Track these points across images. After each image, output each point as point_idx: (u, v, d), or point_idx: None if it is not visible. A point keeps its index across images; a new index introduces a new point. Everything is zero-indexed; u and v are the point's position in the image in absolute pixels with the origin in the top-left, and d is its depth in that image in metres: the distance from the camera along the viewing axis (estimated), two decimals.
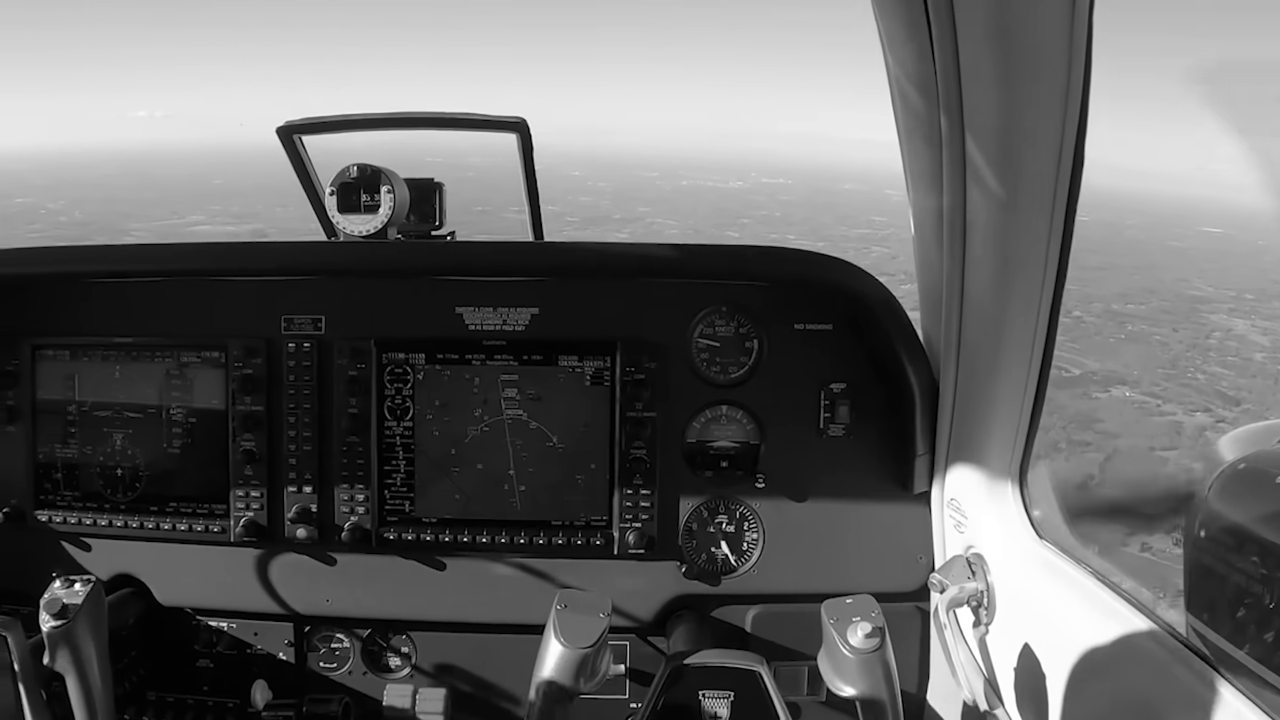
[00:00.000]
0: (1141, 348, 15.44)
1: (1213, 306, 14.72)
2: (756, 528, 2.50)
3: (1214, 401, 13.22)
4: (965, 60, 1.68)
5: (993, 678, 2.15)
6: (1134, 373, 13.80)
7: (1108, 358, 14.21)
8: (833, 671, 1.75)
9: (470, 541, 2.49)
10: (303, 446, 2.49)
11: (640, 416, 2.44)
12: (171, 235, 37.47)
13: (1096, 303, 15.62)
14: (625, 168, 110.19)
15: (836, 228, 43.88)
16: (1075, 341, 13.76)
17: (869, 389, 2.46)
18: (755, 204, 70.60)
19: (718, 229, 52.14)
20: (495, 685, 2.61)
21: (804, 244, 3.13)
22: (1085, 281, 14.49)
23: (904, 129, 2.00)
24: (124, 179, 71.85)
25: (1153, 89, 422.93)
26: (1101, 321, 15.48)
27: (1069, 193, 1.78)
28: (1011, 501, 2.20)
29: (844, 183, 75.03)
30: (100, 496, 2.54)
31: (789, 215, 59.26)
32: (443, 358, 2.48)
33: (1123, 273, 17.99)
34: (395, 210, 2.55)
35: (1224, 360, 14.97)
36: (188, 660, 2.63)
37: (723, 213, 62.93)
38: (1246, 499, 1.82)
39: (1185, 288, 17.76)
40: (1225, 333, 16.11)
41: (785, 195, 78.24)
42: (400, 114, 2.90)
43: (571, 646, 1.69)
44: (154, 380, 2.51)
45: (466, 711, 2.61)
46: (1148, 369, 14.09)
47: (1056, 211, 1.79)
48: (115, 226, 39.01)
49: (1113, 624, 1.80)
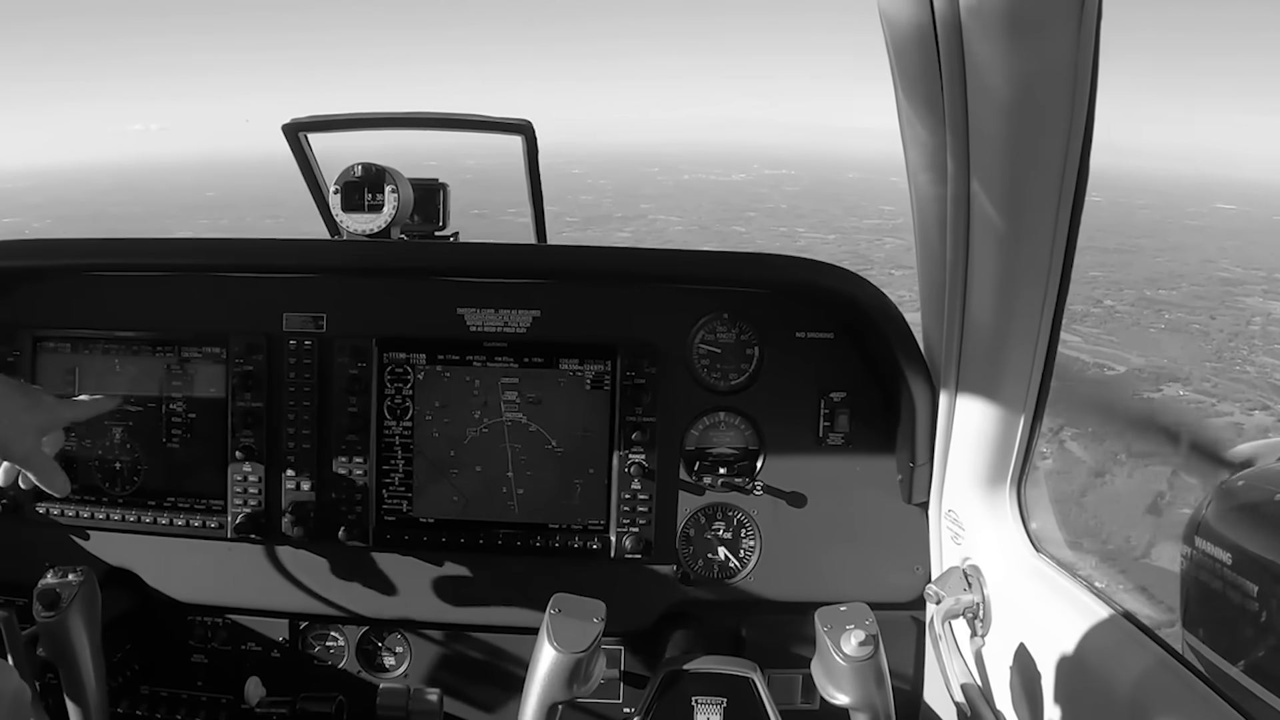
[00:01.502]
0: (1183, 338, 14.84)
1: (1245, 289, 14.26)
2: (754, 535, 2.50)
3: (1272, 397, 12.57)
4: (970, 58, 1.66)
5: (987, 690, 2.15)
6: (1184, 368, 13.22)
7: (1151, 351, 13.70)
8: (826, 679, 1.75)
9: (467, 543, 2.49)
10: (301, 444, 2.49)
11: (640, 421, 2.44)
12: None
13: (1127, 289, 15.18)
14: (626, 164, 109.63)
15: (846, 219, 43.21)
16: (1113, 334, 13.37)
17: (869, 398, 2.46)
18: (760, 196, 69.78)
19: (723, 224, 51.42)
20: (489, 686, 2.61)
21: (815, 236, 3.11)
22: (1110, 266, 14.05)
23: (907, 134, 1.99)
24: (115, 195, 71.69)
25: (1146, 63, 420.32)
26: (1136, 310, 15.01)
27: (1074, 199, 1.77)
28: (1009, 514, 2.20)
29: (847, 172, 74.34)
30: (98, 490, 2.54)
31: (796, 207, 58.37)
32: (443, 358, 2.48)
33: (1145, 255, 17.48)
34: (399, 210, 2.55)
35: (1270, 349, 14.37)
36: (182, 655, 2.63)
37: (727, 206, 62.12)
38: (1245, 515, 1.83)
39: (1213, 269, 17.21)
40: (1265, 318, 15.48)
41: (790, 186, 77.43)
42: (406, 114, 2.91)
43: (565, 651, 1.68)
44: (154, 374, 2.52)
45: (460, 711, 2.61)
46: (1195, 362, 13.49)
47: (1060, 218, 1.78)
48: None
49: (1109, 639, 1.80)
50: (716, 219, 54.34)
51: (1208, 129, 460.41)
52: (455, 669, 2.61)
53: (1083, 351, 13.02)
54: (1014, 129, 1.67)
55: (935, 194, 1.97)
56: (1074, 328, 13.88)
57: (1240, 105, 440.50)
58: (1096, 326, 13.75)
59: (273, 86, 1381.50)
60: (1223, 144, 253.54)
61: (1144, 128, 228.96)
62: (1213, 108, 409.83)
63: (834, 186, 70.27)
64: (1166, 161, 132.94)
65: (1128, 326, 14.03)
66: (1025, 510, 2.21)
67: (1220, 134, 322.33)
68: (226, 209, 53.92)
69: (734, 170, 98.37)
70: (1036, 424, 2.12)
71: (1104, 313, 14.52)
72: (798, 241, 28.63)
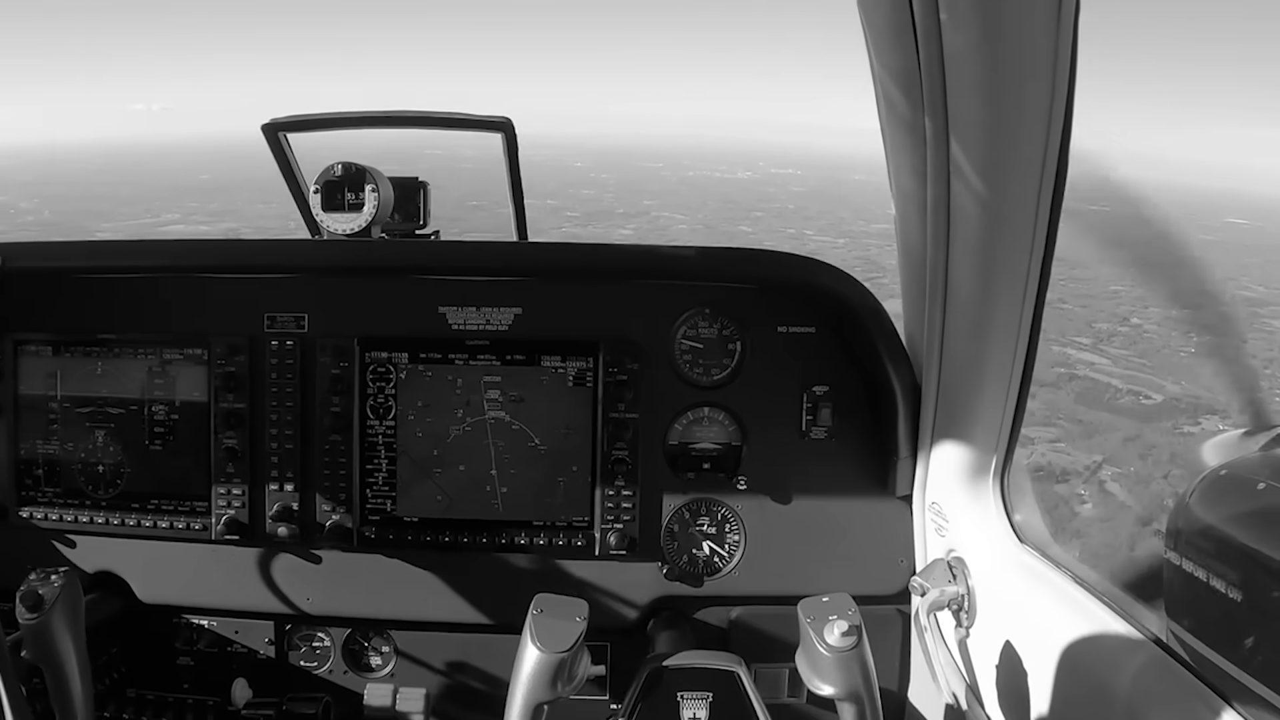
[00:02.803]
0: (1215, 364, 14.39)
1: (1272, 310, 13.87)
2: (738, 529, 2.50)
3: None
4: (949, 55, 1.66)
5: (973, 681, 2.14)
6: (1220, 398, 12.73)
7: (1184, 378, 13.20)
8: (810, 670, 1.74)
9: (452, 541, 2.48)
10: (285, 445, 2.49)
11: (622, 418, 2.44)
12: (142, 235, 36.85)
13: (1153, 307, 14.80)
14: (628, 157, 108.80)
15: (855, 222, 42.56)
16: (1144, 357, 12.99)
17: (851, 391, 2.46)
18: (766, 196, 68.92)
19: (730, 223, 50.59)
20: (475, 685, 2.60)
21: (825, 240, 3.07)
22: (1130, 282, 13.63)
23: (887, 126, 1.99)
24: (107, 175, 70.96)
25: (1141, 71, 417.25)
26: (1163, 330, 14.62)
27: (1054, 192, 1.77)
28: (993, 505, 2.20)
29: (854, 173, 73.57)
30: (81, 493, 2.54)
31: (803, 208, 57.49)
32: (425, 357, 2.47)
33: (1164, 270, 17.11)
34: (379, 209, 2.54)
35: None
36: (168, 658, 2.63)
37: (733, 205, 61.26)
38: (1227, 504, 1.82)
39: (1235, 287, 16.81)
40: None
41: (796, 186, 76.64)
42: (386, 113, 2.89)
43: (548, 651, 1.68)
44: (136, 377, 2.51)
45: (446, 710, 2.60)
46: (1232, 391, 13.04)
47: (1041, 212, 1.78)
48: (84, 226, 37.97)
49: (1092, 627, 1.80)
50: (722, 218, 53.45)
51: (1211, 140, 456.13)
52: (442, 668, 2.60)
53: (1114, 376, 12.59)
54: (993, 121, 1.67)
55: (915, 185, 1.96)
56: (1100, 348, 13.54)
57: (1245, 118, 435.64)
58: (1128, 348, 13.37)
59: (275, 79, 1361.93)
60: (1221, 157, 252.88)
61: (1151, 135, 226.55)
62: (1218, 121, 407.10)
63: (841, 188, 69.39)
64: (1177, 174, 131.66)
65: (1158, 350, 13.69)
66: (1009, 502, 2.21)
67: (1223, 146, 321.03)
68: (218, 192, 53.19)
69: (739, 167, 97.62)
70: (1019, 416, 2.12)
71: (1132, 332, 14.21)
72: (807, 245, 28.22)
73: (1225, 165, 61.69)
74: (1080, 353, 13.46)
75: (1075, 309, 13.89)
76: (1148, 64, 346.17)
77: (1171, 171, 10.67)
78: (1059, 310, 16.02)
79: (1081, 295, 13.56)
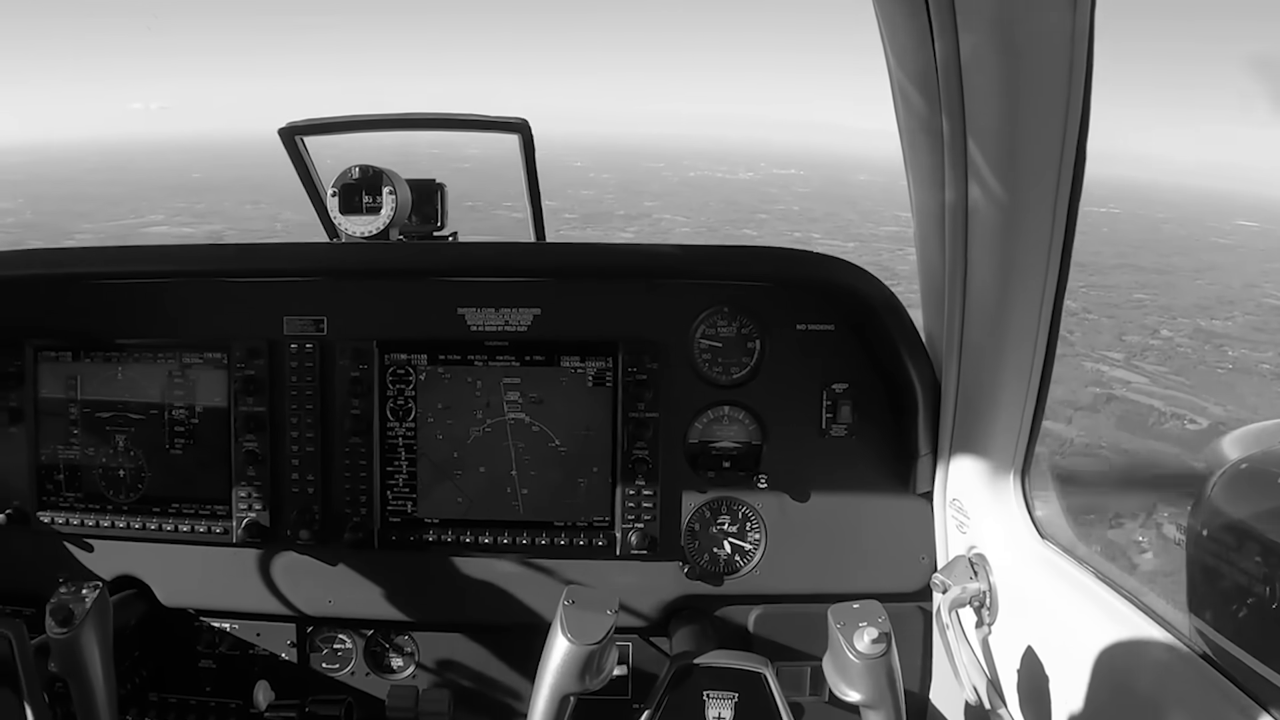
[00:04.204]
0: (1255, 381, 13.67)
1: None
2: (759, 528, 2.50)
3: None
4: (966, 58, 1.68)
5: (995, 678, 2.15)
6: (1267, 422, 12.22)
7: (1225, 397, 12.56)
8: (838, 676, 1.75)
9: (473, 542, 2.49)
10: (305, 448, 2.49)
11: (642, 417, 2.44)
12: (122, 237, 36.01)
13: (1181, 318, 14.26)
14: (629, 157, 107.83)
15: (863, 224, 42.01)
16: (1181, 374, 12.52)
17: (871, 389, 2.46)
18: (770, 197, 68.14)
19: (733, 226, 49.82)
20: (498, 685, 2.61)
21: (833, 243, 3.06)
22: (1153, 288, 13.13)
23: (905, 128, 2.00)
24: (99, 174, 70.30)
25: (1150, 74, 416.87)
26: (1196, 344, 14.10)
27: (1071, 190, 1.78)
28: (1014, 501, 2.20)
29: (858, 174, 72.88)
30: (102, 498, 2.54)
31: (808, 210, 56.72)
32: (445, 359, 2.48)
33: (1183, 276, 16.55)
34: (397, 211, 2.55)
35: None
36: (190, 661, 2.63)
37: (736, 207, 60.52)
38: (1249, 498, 1.82)
39: (1260, 294, 16.17)
40: None
41: (800, 187, 75.87)
42: (402, 115, 2.90)
43: (578, 643, 1.68)
44: (156, 381, 2.51)
45: (469, 712, 2.61)
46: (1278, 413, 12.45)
47: (1059, 208, 1.79)
48: (64, 228, 37.35)
49: (1115, 624, 1.80)
50: (726, 220, 52.62)
51: (1217, 140, 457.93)
52: (464, 669, 2.61)
53: (1154, 397, 11.81)
54: (1010, 122, 1.69)
55: (934, 183, 1.97)
56: (1134, 364, 12.91)
57: (1249, 119, 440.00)
58: (1164, 365, 12.80)
59: (276, 79, 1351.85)
60: (1228, 157, 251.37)
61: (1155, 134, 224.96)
62: (1221, 120, 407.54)
63: (845, 189, 68.47)
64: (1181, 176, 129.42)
65: (1194, 366, 13.22)
66: (1030, 498, 2.21)
67: (1226, 146, 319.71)
68: (207, 192, 52.70)
69: (741, 168, 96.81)
70: (1039, 411, 2.12)
71: (1165, 345, 13.73)
72: (814, 249, 28.12)
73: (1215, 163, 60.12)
74: (1114, 370, 12.89)
75: (1102, 319, 13.41)
76: (1138, 64, 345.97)
77: (1172, 172, 10.36)
78: (1085, 320, 15.37)
79: (1105, 304, 13.14)
